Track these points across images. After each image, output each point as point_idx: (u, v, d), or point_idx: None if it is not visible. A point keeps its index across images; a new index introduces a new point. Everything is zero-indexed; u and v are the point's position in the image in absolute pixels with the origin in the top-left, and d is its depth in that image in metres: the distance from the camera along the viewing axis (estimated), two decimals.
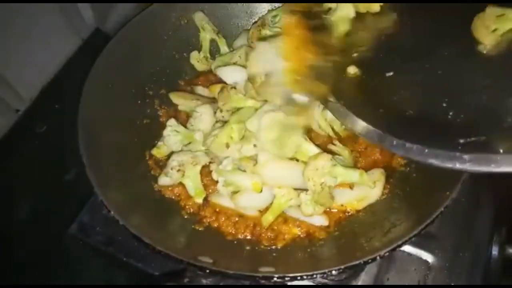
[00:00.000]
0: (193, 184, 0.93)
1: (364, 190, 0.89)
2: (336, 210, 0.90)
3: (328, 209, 0.90)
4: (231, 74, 0.98)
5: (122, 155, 0.92)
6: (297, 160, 0.86)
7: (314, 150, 0.86)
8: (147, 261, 0.97)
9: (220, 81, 1.02)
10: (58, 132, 1.32)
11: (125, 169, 0.91)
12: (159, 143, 0.98)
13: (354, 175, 0.85)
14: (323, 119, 0.92)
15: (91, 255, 1.08)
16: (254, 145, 0.87)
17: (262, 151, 0.87)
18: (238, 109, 0.94)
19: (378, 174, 0.90)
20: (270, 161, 0.85)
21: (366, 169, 0.91)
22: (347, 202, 0.89)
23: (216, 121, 0.96)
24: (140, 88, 1.03)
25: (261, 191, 0.86)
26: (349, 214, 0.90)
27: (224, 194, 0.91)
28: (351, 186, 0.89)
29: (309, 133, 0.92)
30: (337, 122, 0.96)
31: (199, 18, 1.08)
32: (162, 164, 0.97)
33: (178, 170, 0.92)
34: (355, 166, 0.93)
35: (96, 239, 1.01)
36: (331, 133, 0.93)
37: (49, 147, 1.31)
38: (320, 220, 0.88)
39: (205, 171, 0.96)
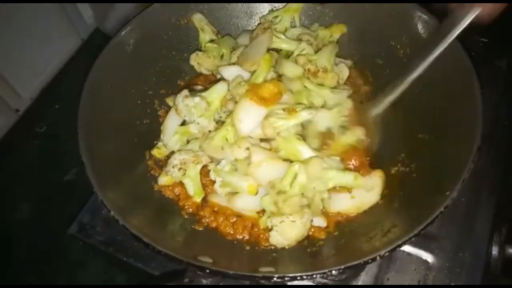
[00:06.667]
0: (192, 183, 0.93)
1: (361, 197, 0.87)
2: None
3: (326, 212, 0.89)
4: (231, 74, 0.98)
5: (122, 155, 0.91)
6: (291, 161, 0.85)
7: (307, 151, 0.85)
8: (147, 261, 0.97)
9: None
10: (58, 132, 1.33)
11: (125, 169, 0.91)
12: (159, 143, 0.98)
13: (348, 178, 0.84)
14: None
15: (91, 255, 1.08)
16: (247, 148, 0.86)
17: (256, 151, 0.86)
18: None
19: (376, 179, 0.88)
20: (263, 161, 0.85)
21: (366, 170, 0.91)
22: (345, 209, 0.88)
23: (216, 122, 0.96)
24: (140, 88, 1.02)
25: (257, 193, 0.85)
26: None
27: (222, 195, 0.90)
28: (349, 190, 0.87)
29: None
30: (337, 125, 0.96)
31: (198, 19, 1.08)
32: (162, 164, 0.97)
33: (180, 169, 0.92)
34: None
35: (96, 239, 1.01)
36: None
37: (49, 147, 1.31)
38: (319, 222, 0.87)
39: (205, 171, 0.96)
